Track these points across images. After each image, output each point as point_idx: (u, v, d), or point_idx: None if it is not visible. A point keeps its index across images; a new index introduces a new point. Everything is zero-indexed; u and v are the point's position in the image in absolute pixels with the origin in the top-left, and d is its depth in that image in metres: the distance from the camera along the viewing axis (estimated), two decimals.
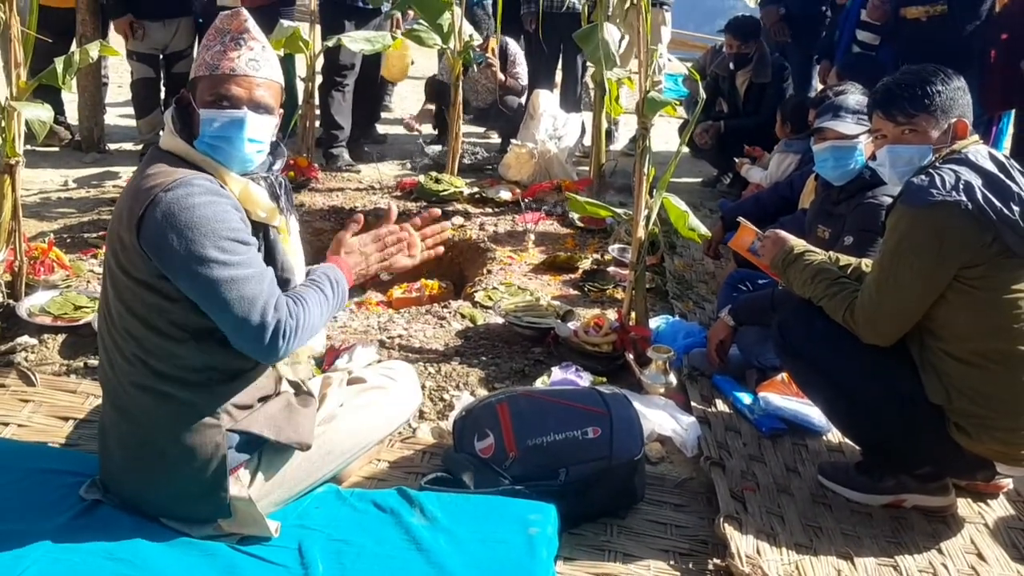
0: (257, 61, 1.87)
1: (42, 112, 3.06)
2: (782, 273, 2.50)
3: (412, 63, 6.66)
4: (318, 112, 5.49)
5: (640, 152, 2.93)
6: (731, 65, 5.23)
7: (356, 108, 5.55)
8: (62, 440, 2.41)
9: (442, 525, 2.03)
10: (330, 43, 4.77)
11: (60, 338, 2.99)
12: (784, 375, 2.83)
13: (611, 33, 3.34)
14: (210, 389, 1.85)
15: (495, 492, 2.18)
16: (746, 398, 2.84)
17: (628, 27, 3.63)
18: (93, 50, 3.15)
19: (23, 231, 3.20)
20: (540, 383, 2.82)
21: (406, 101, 7.41)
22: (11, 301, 3.13)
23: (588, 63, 5.92)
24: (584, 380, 2.81)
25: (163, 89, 5.53)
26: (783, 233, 2.59)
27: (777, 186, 3.77)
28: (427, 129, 6.21)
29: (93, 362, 2.86)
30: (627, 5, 3.14)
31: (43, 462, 2.18)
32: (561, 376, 2.81)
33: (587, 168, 5.36)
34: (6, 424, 2.46)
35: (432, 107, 6.02)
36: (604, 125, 5.13)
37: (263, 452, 1.94)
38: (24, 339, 2.95)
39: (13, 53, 3.06)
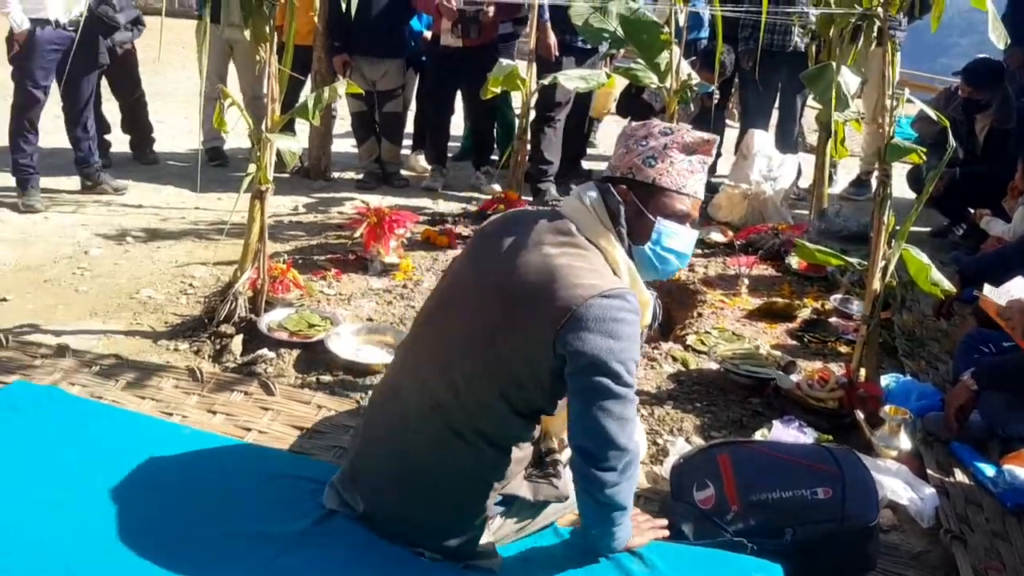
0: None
1: (292, 143, 3.31)
2: None
3: (615, 100, 6.70)
4: (529, 147, 5.62)
5: (880, 200, 2.77)
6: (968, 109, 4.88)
7: (564, 144, 5.64)
8: (296, 448, 2.55)
9: (662, 574, 1.97)
10: (546, 81, 4.87)
11: (295, 353, 3.19)
12: None
13: (846, 75, 3.20)
14: (509, 453, 1.90)
15: (717, 545, 2.10)
16: (989, 469, 2.60)
17: (859, 68, 3.47)
18: (340, 87, 3.38)
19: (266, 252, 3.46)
20: (760, 435, 2.71)
21: (610, 139, 7.45)
22: (253, 316, 3.38)
23: (807, 104, 5.73)
24: (808, 436, 2.67)
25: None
26: None
27: None
28: None
29: (325, 378, 3.03)
30: (872, 47, 2.99)
31: (284, 467, 2.32)
32: (783, 430, 2.68)
33: (802, 212, 5.15)
34: (248, 429, 2.64)
35: None
36: (827, 168, 4.91)
37: (515, 504, 1.99)
38: (264, 352, 3.17)
39: (270, 89, 3.34)
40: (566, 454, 2.09)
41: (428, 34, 5.78)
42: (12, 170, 4.92)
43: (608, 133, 7.60)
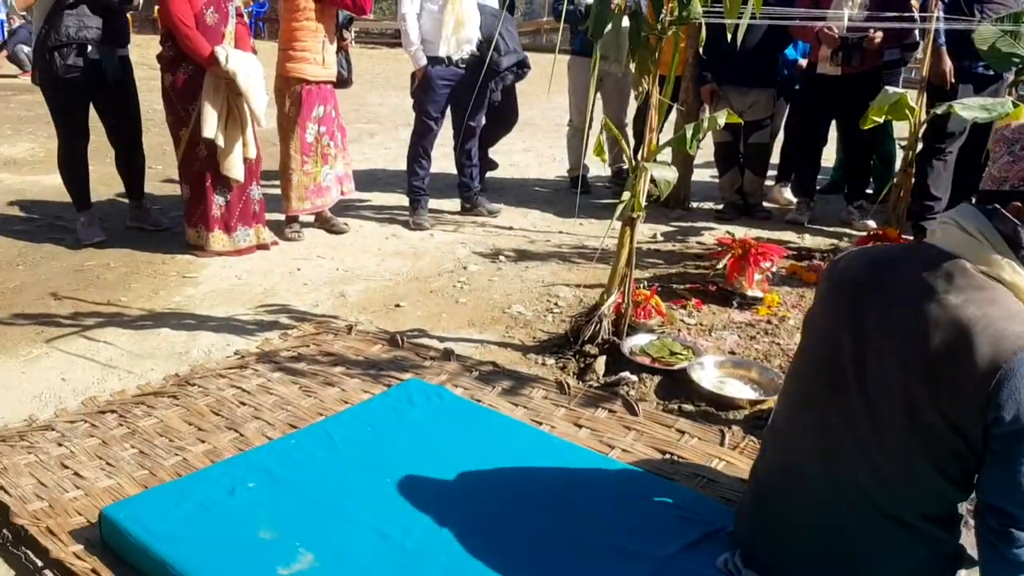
0: None
1: (668, 173, 3.33)
2: None
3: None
4: (913, 181, 5.17)
5: None
6: None
7: (957, 179, 5.10)
8: (659, 470, 2.52)
9: None
10: (939, 110, 4.45)
11: (656, 379, 3.20)
12: None
13: None
14: (959, 529, 1.74)
15: None
16: None
17: None
18: (720, 118, 3.34)
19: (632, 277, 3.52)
20: None
21: None
22: (615, 339, 3.45)
23: None
24: None
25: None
26: None
27: None
28: None
29: (687, 406, 3.00)
30: None
31: (650, 489, 2.32)
32: None
33: None
34: (612, 447, 2.68)
35: None
36: None
37: None
38: (626, 374, 3.22)
39: (649, 119, 3.40)
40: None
41: (803, 62, 5.58)
42: (407, 191, 5.54)
43: None
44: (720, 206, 5.93)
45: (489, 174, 6.46)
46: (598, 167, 6.75)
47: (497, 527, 2.13)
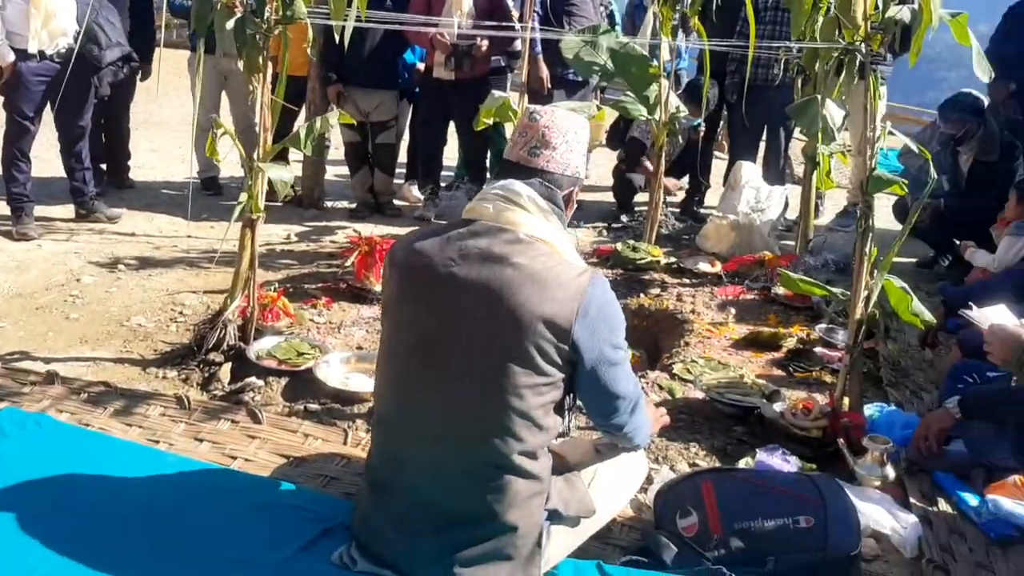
0: None
1: (285, 173, 3.35)
2: (1019, 373, 2.29)
3: (606, 132, 6.78)
4: None
5: (862, 231, 2.81)
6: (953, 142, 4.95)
7: None
8: (280, 475, 2.54)
9: None
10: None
11: (283, 381, 3.20)
12: (1018, 477, 2.59)
13: (831, 108, 3.25)
14: (545, 465, 1.94)
15: (696, 574, 2.10)
16: (972, 499, 2.61)
17: (847, 102, 3.52)
18: (332, 117, 3.42)
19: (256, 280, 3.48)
20: (744, 464, 2.72)
21: (601, 168, 7.52)
22: (242, 344, 3.39)
23: (793, 136, 5.80)
24: (792, 465, 2.68)
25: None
26: (1011, 327, 2.39)
27: (1011, 272, 3.49)
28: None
29: (312, 406, 3.04)
30: (855, 81, 3.05)
31: (267, 495, 2.33)
32: (767, 459, 2.70)
33: (790, 243, 5.21)
34: (234, 458, 2.64)
35: (650, 165, 5.96)
36: (813, 199, 4.97)
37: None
38: (252, 380, 3.18)
39: (262, 118, 3.38)
40: (584, 472, 2.14)
41: (421, 66, 5.86)
42: (7, 198, 4.96)
43: (599, 164, 7.67)
44: (353, 205, 6.04)
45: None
46: (232, 167, 6.52)
47: (106, 557, 2.01)
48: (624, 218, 5.99)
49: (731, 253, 5.08)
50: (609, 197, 6.48)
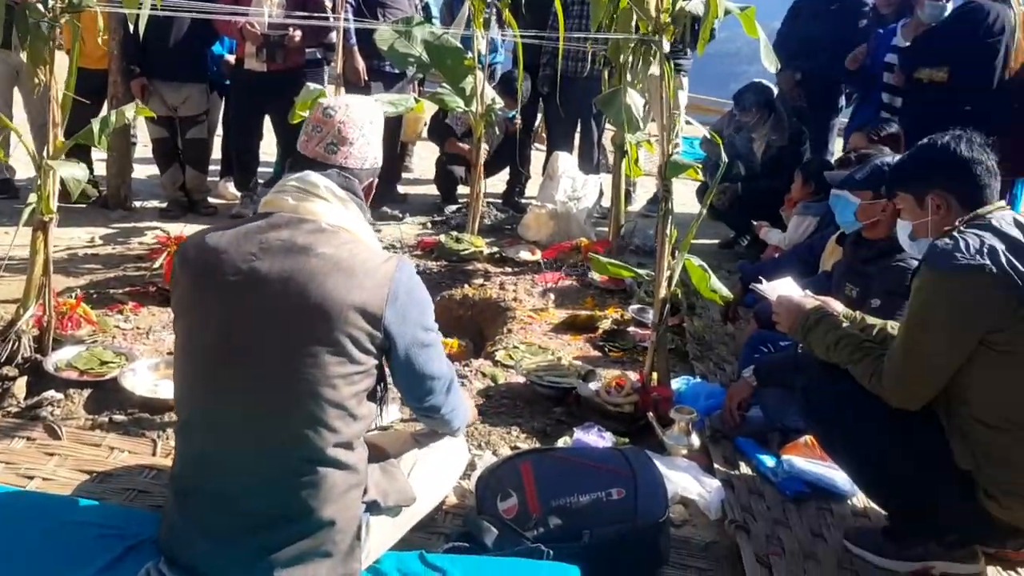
0: None
1: (77, 171, 3.14)
2: (803, 340, 2.50)
3: (426, 124, 6.80)
4: None
5: (662, 214, 2.97)
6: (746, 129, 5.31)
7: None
8: (83, 492, 2.40)
9: None
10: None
11: (86, 393, 3.02)
12: (808, 438, 2.81)
13: (634, 98, 3.40)
14: (362, 456, 1.91)
15: (516, 554, 2.16)
16: (769, 461, 2.82)
17: (648, 92, 3.70)
18: (129, 111, 3.24)
19: (52, 287, 3.25)
20: (562, 443, 2.82)
21: (425, 161, 7.53)
22: (38, 356, 3.17)
23: (605, 126, 6.03)
24: (607, 440, 2.80)
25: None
26: (796, 298, 2.59)
27: (797, 249, 3.79)
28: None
29: (118, 417, 2.88)
30: (649, 71, 3.21)
31: (67, 513, 2.19)
32: (583, 436, 2.80)
33: (605, 229, 5.42)
34: (31, 477, 2.47)
35: (466, 146, 5.98)
36: (623, 187, 5.18)
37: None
38: (51, 393, 2.98)
39: (52, 113, 3.16)
40: (403, 461, 2.13)
41: (231, 58, 5.65)
42: None
43: (422, 157, 7.68)
44: (164, 204, 5.75)
45: None
46: (31, 169, 6.03)
47: None
48: (448, 209, 6.04)
49: (550, 241, 5.23)
50: (433, 190, 6.50)
